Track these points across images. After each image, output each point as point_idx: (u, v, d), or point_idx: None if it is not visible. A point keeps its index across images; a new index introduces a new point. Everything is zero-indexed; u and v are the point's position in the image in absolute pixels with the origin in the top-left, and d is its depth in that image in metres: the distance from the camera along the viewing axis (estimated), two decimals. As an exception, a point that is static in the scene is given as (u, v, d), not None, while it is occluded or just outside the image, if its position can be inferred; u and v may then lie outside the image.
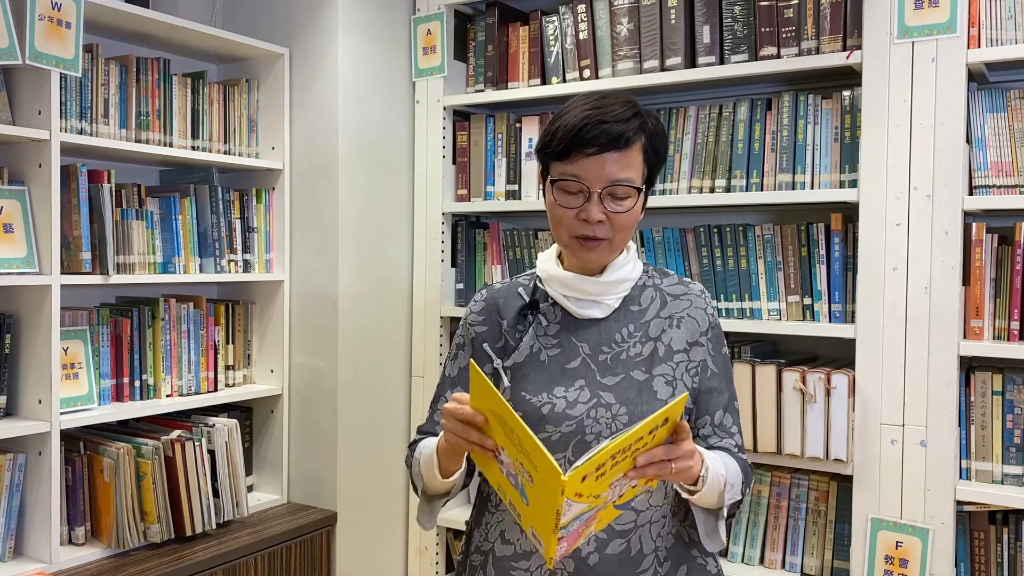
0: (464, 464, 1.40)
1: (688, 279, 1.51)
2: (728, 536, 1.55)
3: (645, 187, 1.39)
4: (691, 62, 2.30)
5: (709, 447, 1.43)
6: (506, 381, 1.43)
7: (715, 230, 2.27)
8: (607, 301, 1.42)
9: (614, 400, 1.37)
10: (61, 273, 2.04)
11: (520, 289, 1.50)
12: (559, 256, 1.48)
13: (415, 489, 1.51)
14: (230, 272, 2.49)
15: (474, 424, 1.21)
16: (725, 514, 1.38)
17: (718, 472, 1.32)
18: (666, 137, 1.46)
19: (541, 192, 1.47)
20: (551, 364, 1.41)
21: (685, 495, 1.32)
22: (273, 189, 2.62)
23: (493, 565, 1.43)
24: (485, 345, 1.47)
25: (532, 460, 1.12)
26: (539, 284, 1.49)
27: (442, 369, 1.56)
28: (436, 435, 1.49)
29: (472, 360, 1.21)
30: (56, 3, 1.99)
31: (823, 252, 2.14)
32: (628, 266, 1.44)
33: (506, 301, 1.49)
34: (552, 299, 1.46)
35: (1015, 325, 1.92)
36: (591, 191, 1.34)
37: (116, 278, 2.17)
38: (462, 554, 1.55)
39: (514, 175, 2.60)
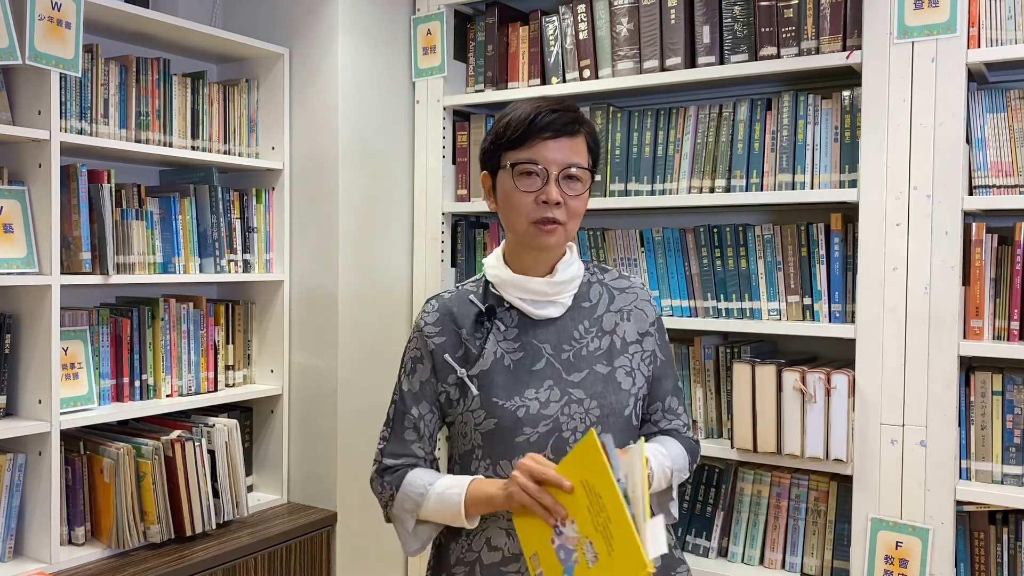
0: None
1: (627, 273, 1.59)
2: (680, 507, 1.68)
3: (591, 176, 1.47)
4: (691, 62, 2.30)
5: (661, 430, 1.54)
6: (474, 390, 1.44)
7: (715, 230, 2.27)
8: (561, 300, 1.47)
9: (584, 395, 1.43)
10: (61, 273, 2.04)
11: (471, 296, 1.51)
12: (504, 260, 1.50)
13: (397, 520, 1.47)
14: (230, 272, 2.49)
15: (557, 487, 1.24)
16: (675, 494, 1.47)
17: (663, 467, 1.42)
18: (600, 142, 1.56)
19: (487, 194, 1.50)
20: (516, 368, 1.44)
21: None
22: (273, 189, 2.62)
23: (481, 573, 1.43)
24: (447, 356, 1.47)
25: (613, 542, 1.14)
26: (492, 289, 1.50)
27: (398, 384, 1.53)
28: (415, 457, 1.49)
29: (592, 432, 1.22)
30: (56, 3, 1.99)
31: (823, 252, 2.14)
32: (575, 265, 1.50)
33: (460, 309, 1.50)
34: (507, 303, 1.48)
35: (1015, 325, 1.92)
36: (549, 174, 1.40)
37: (116, 278, 2.17)
38: (431, 570, 1.54)
39: (514, 175, 2.60)
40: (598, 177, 2.37)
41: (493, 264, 1.51)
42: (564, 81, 2.49)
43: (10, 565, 2.02)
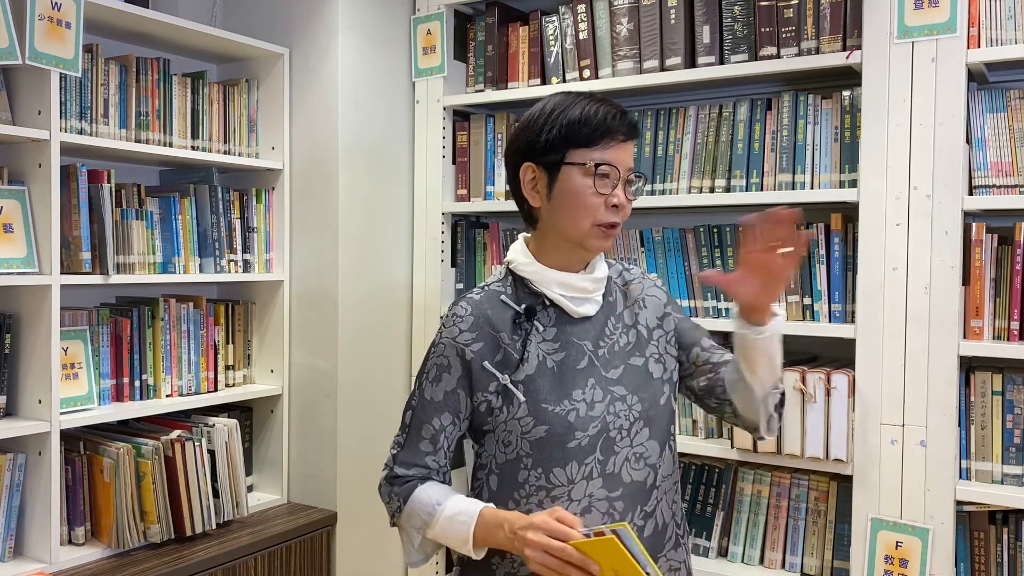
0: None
1: (626, 263, 1.59)
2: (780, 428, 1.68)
3: None
4: (691, 62, 2.30)
5: (713, 363, 1.51)
6: (521, 396, 1.38)
7: (715, 230, 2.27)
8: (597, 296, 1.46)
9: (625, 391, 1.42)
10: (61, 273, 2.04)
11: (503, 297, 1.44)
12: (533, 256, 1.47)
13: (403, 531, 1.44)
14: (230, 272, 2.49)
15: (582, 568, 1.21)
16: (771, 405, 1.46)
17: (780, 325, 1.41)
18: None
19: (532, 187, 1.43)
20: (560, 369, 1.39)
21: (751, 332, 1.38)
22: (273, 189, 2.62)
23: None
24: (486, 363, 1.40)
25: None
26: (531, 287, 1.44)
27: (418, 390, 1.45)
28: (427, 468, 1.43)
29: (617, 535, 1.18)
30: (56, 3, 1.99)
31: (823, 252, 2.14)
32: (603, 261, 1.50)
33: (494, 312, 1.42)
34: (546, 302, 1.43)
35: (1015, 325, 1.92)
36: (621, 176, 1.39)
37: (116, 278, 2.17)
38: None
39: (514, 175, 2.60)
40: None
41: (525, 261, 1.44)
42: (564, 81, 2.49)
43: (10, 565, 2.02)
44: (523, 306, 1.42)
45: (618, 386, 1.41)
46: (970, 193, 1.97)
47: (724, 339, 2.38)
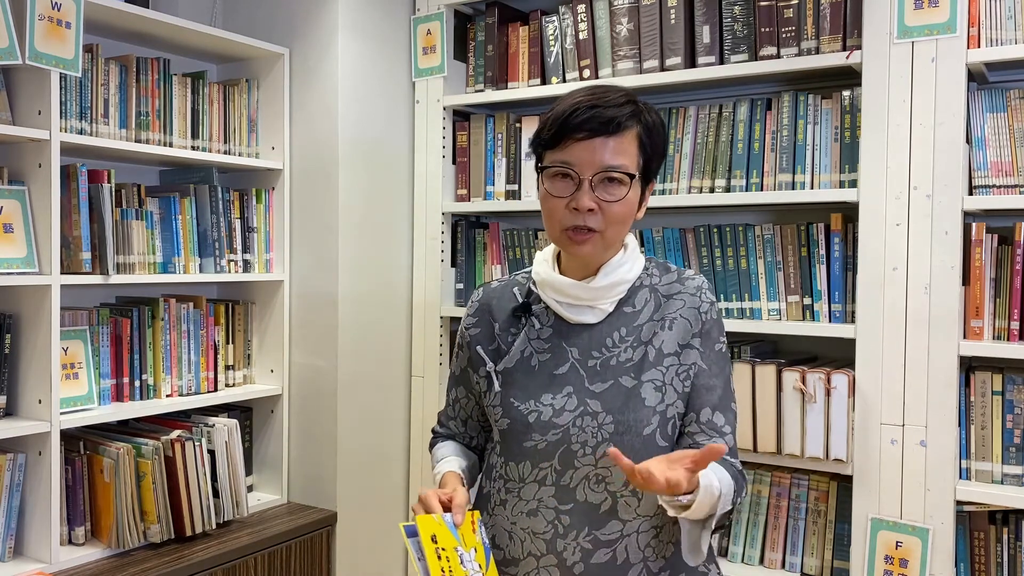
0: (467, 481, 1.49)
1: (689, 273, 1.43)
2: (714, 544, 1.49)
3: (642, 178, 1.34)
4: (691, 62, 2.30)
5: (695, 444, 1.35)
6: (497, 386, 1.42)
7: (715, 230, 2.27)
8: (601, 306, 1.38)
9: (600, 408, 1.34)
10: (61, 273, 2.04)
11: (515, 289, 1.48)
12: (557, 258, 1.45)
13: None
14: (230, 272, 2.49)
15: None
16: (712, 525, 1.28)
17: (712, 484, 1.23)
18: (665, 131, 1.41)
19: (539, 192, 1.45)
20: (541, 370, 1.40)
21: (673, 512, 1.24)
22: (273, 189, 2.62)
23: None
24: (479, 348, 1.47)
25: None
26: (533, 287, 1.46)
27: (450, 362, 1.61)
28: (450, 431, 1.59)
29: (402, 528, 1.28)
30: (56, 3, 1.99)
31: (823, 252, 2.14)
32: (624, 267, 1.39)
33: (499, 302, 1.48)
34: (546, 302, 1.43)
35: (1015, 325, 1.92)
36: (582, 178, 1.29)
37: (116, 278, 2.17)
38: None
39: (514, 175, 2.60)
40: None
41: (540, 260, 1.44)
42: (564, 81, 2.49)
43: (10, 565, 2.02)
44: (522, 301, 1.46)
45: (595, 400, 1.34)
46: (970, 193, 1.97)
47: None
